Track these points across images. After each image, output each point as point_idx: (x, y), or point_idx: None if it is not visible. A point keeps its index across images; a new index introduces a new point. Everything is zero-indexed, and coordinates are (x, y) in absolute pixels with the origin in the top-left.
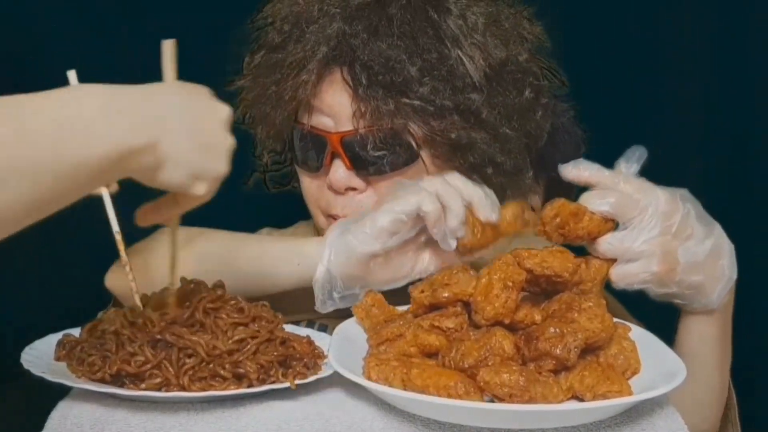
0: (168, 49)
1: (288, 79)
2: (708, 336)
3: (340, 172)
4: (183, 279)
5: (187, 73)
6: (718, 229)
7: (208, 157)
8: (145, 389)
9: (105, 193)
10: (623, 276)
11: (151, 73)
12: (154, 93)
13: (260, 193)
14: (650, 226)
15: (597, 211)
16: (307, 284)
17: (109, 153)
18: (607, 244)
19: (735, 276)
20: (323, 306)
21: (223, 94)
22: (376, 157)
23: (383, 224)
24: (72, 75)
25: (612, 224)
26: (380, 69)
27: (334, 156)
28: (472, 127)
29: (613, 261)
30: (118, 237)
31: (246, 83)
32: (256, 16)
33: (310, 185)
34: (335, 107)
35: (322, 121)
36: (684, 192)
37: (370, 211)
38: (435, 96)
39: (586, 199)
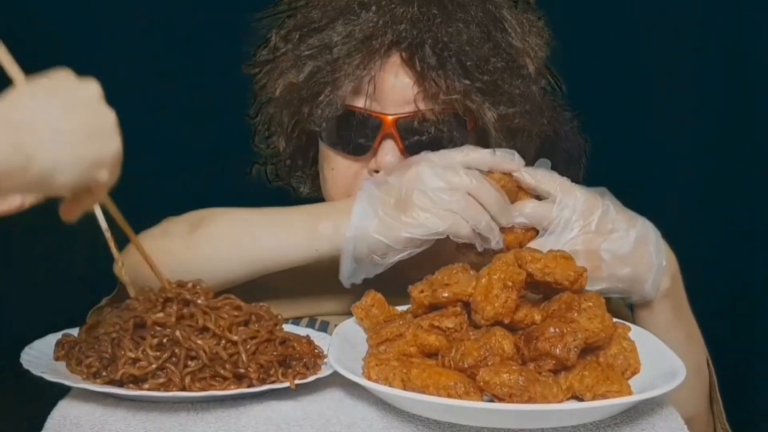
0: (2, 53)
1: (347, 60)
2: (661, 324)
3: (390, 155)
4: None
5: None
6: (641, 221)
7: (95, 144)
8: (148, 389)
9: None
10: None
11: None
12: (18, 105)
13: (260, 195)
14: (569, 227)
15: (515, 223)
16: (326, 254)
17: None
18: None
19: (664, 262)
20: (349, 275)
21: (224, 95)
22: (431, 140)
23: (408, 236)
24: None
25: (534, 232)
26: (453, 49)
27: (384, 138)
28: (530, 117)
29: None
30: (108, 235)
31: (284, 62)
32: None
33: (346, 171)
34: (389, 91)
35: (372, 106)
36: (603, 189)
37: (394, 180)
38: (503, 81)
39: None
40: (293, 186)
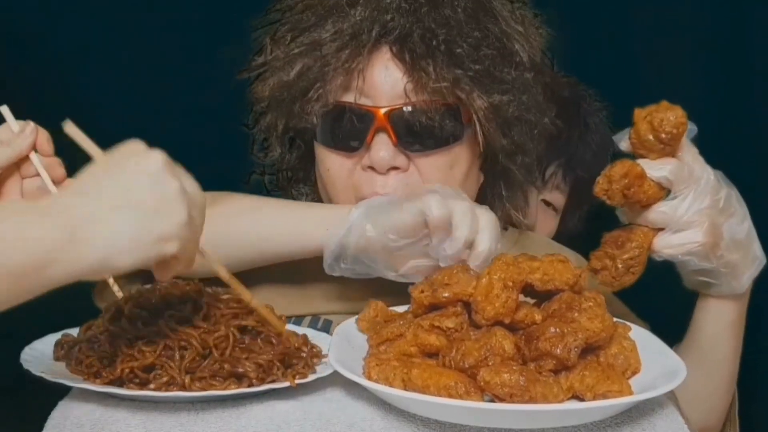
0: (71, 130)
1: (335, 55)
2: (728, 322)
3: (384, 150)
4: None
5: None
6: (748, 215)
7: (158, 218)
8: (153, 389)
9: None
10: (669, 245)
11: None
12: (78, 190)
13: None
14: (701, 197)
15: (655, 177)
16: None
17: (19, 268)
18: (659, 211)
19: (765, 260)
20: (330, 269)
21: (223, 94)
22: (424, 132)
23: (396, 222)
24: (5, 110)
25: (663, 193)
26: (442, 36)
27: (377, 132)
28: (523, 106)
29: (657, 230)
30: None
31: (276, 63)
32: (275, 4)
33: (341, 168)
34: (380, 85)
35: (362, 101)
36: (722, 174)
37: (399, 199)
38: (494, 69)
39: (645, 165)
40: (293, 197)
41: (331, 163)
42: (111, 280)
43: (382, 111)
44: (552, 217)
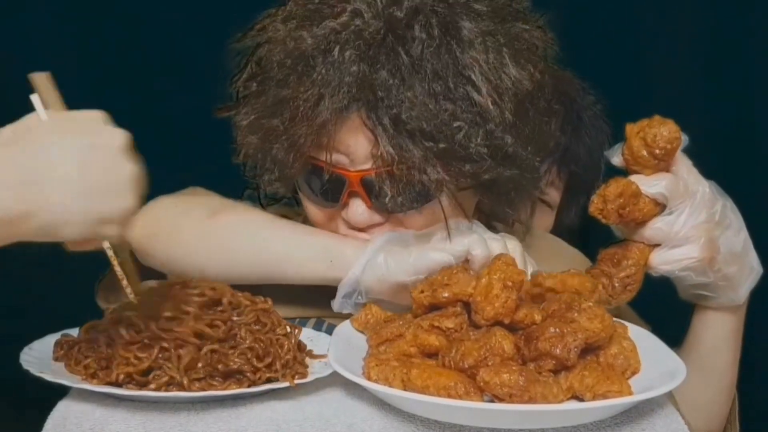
0: (42, 82)
1: (304, 120)
2: (727, 332)
3: (359, 211)
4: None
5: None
6: (744, 225)
7: (107, 199)
8: (153, 389)
9: None
10: (666, 261)
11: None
12: (30, 149)
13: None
14: (697, 211)
15: (650, 194)
16: (331, 282)
17: None
18: (656, 228)
19: (761, 271)
20: (340, 306)
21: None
22: (397, 198)
23: (431, 263)
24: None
25: (659, 209)
26: (407, 116)
27: (351, 195)
28: (502, 165)
29: (653, 247)
30: (117, 268)
31: (244, 121)
32: (245, 33)
33: (319, 215)
34: (353, 147)
35: (337, 159)
36: (715, 184)
37: (415, 237)
38: (467, 141)
39: (639, 181)
40: (297, 201)
41: (312, 209)
42: (125, 282)
43: (354, 175)
44: (548, 214)
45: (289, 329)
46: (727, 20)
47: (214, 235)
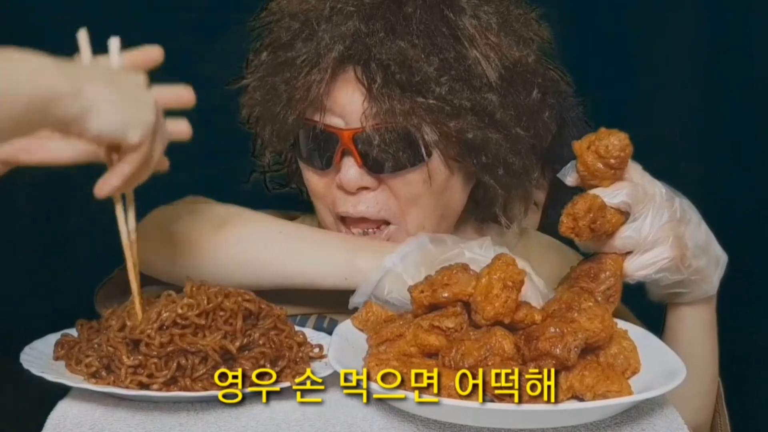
0: (84, 39)
1: (299, 77)
2: (703, 323)
3: (351, 171)
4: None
5: (189, 72)
6: (702, 218)
7: (135, 106)
8: (153, 389)
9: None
10: (641, 266)
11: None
12: (73, 63)
13: (260, 194)
14: (660, 213)
15: (614, 204)
16: (345, 289)
17: (32, 98)
18: (625, 236)
19: (727, 258)
20: (354, 302)
21: (223, 93)
22: (388, 156)
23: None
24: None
25: (623, 217)
26: (397, 68)
27: (344, 154)
28: (488, 128)
29: (625, 255)
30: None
31: (252, 82)
32: (259, 12)
33: (317, 184)
34: (347, 106)
35: (332, 120)
36: (667, 184)
37: (440, 253)
38: (452, 96)
39: (600, 194)
40: (301, 189)
41: (309, 177)
42: (137, 299)
43: (347, 133)
44: (533, 212)
45: (302, 336)
46: (712, 23)
47: (222, 249)
